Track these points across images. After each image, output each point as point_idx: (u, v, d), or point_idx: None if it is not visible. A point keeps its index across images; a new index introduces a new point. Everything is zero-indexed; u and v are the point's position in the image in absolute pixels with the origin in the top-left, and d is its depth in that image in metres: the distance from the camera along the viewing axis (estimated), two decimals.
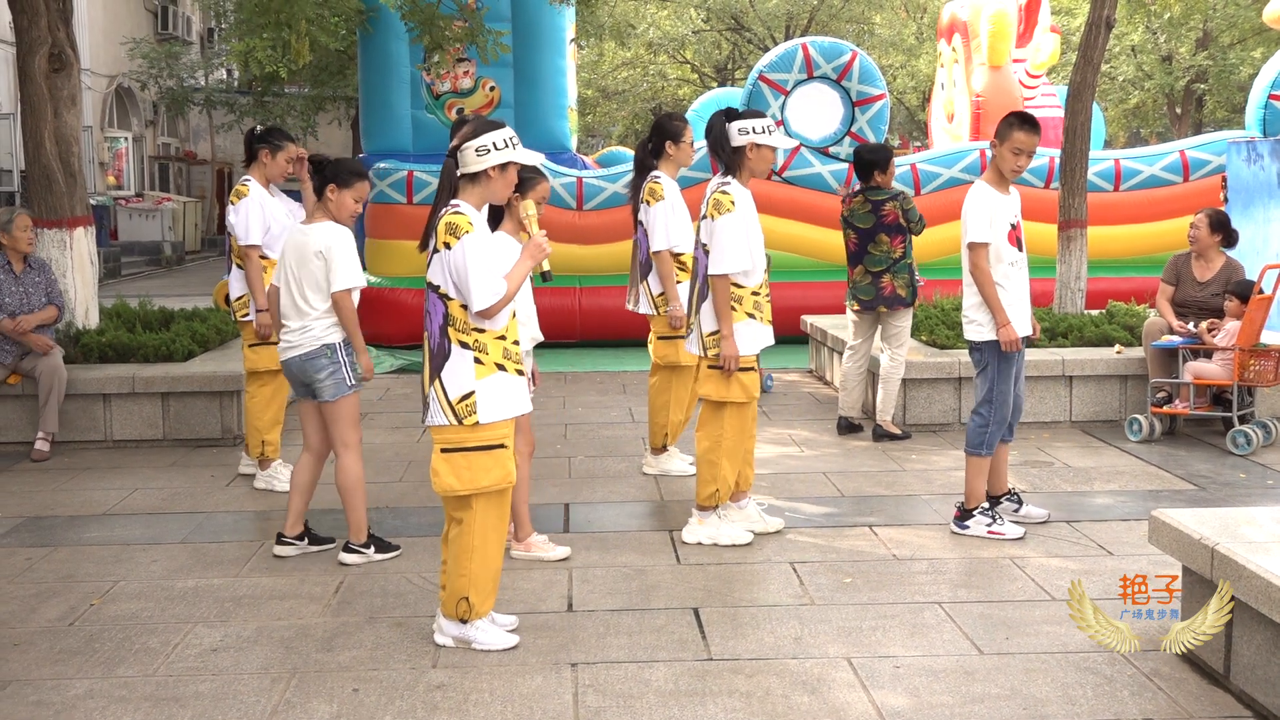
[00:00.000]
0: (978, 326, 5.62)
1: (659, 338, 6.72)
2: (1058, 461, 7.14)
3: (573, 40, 13.75)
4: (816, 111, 11.74)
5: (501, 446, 4.29)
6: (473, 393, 4.23)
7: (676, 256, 6.54)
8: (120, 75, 25.54)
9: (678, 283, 6.53)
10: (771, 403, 8.87)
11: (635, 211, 6.68)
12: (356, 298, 5.45)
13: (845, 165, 11.60)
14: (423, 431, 7.99)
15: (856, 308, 7.81)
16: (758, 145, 5.48)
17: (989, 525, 5.67)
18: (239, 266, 6.68)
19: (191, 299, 12.00)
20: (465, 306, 4.21)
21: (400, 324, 11.32)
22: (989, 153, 11.65)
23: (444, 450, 4.30)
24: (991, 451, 5.68)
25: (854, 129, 11.71)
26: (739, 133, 5.48)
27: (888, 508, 6.24)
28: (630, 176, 7.23)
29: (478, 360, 4.24)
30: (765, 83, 11.72)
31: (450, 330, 4.25)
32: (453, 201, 4.29)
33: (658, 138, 6.63)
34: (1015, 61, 16.80)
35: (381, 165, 11.70)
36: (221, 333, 8.87)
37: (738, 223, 5.42)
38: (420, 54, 12.36)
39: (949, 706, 3.92)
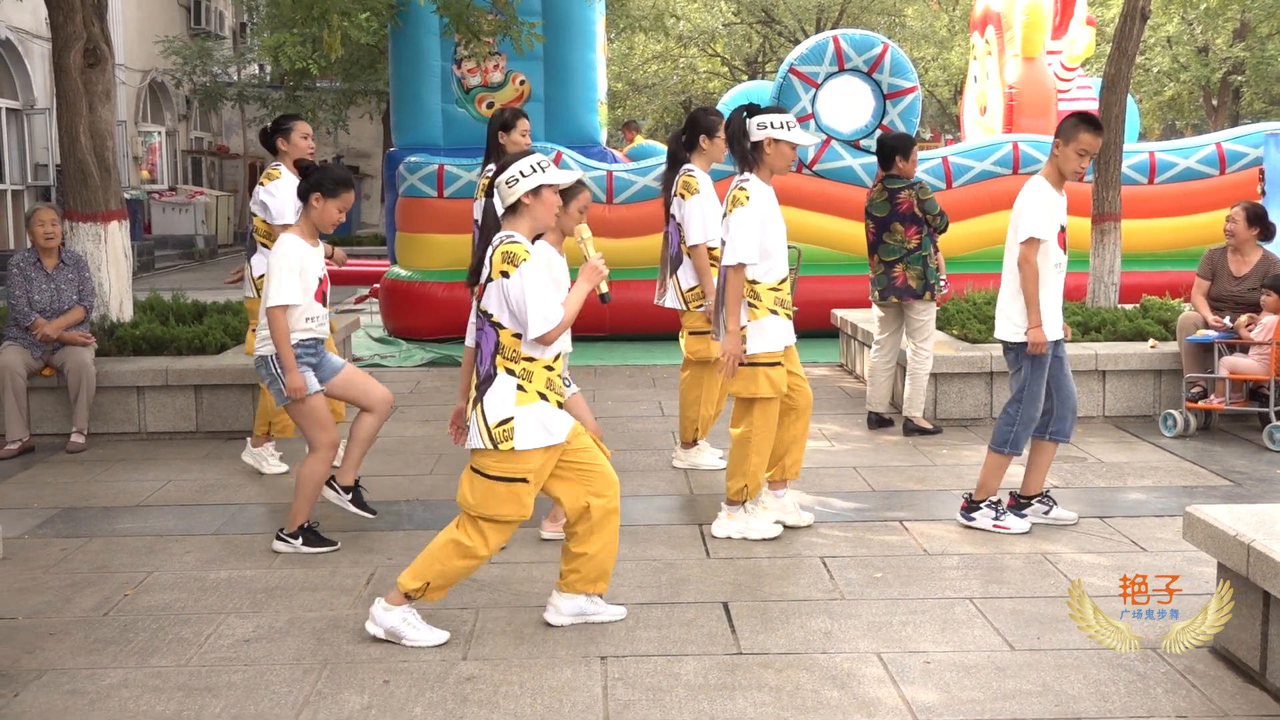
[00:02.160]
0: (1014, 327, 5.55)
1: (690, 333, 6.70)
2: (1091, 457, 7.09)
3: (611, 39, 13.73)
4: (847, 104, 11.68)
5: (524, 481, 4.30)
6: (511, 418, 4.25)
7: (711, 250, 6.52)
8: (153, 70, 25.74)
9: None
10: None
11: (667, 205, 6.67)
12: (299, 315, 5.35)
13: (875, 159, 11.54)
14: None
15: (877, 298, 7.79)
16: (775, 140, 5.45)
17: (995, 519, 5.64)
18: (264, 246, 6.66)
19: (224, 292, 12.07)
20: (518, 335, 4.24)
21: (431, 317, 11.36)
22: (1022, 147, 11.65)
23: (473, 469, 4.35)
24: (1017, 451, 5.61)
25: (885, 122, 11.64)
26: (757, 128, 5.46)
27: (918, 502, 6.21)
28: (662, 169, 7.22)
29: (520, 387, 4.27)
30: (796, 76, 11.67)
31: (499, 358, 4.28)
32: (506, 232, 4.31)
33: (691, 131, 6.61)
34: (1050, 54, 16.66)
35: (412, 159, 11.74)
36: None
37: (751, 216, 5.39)
38: (451, 48, 12.38)
39: (979, 702, 3.89)
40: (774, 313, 5.51)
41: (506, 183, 4.30)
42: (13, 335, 7.54)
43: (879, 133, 11.56)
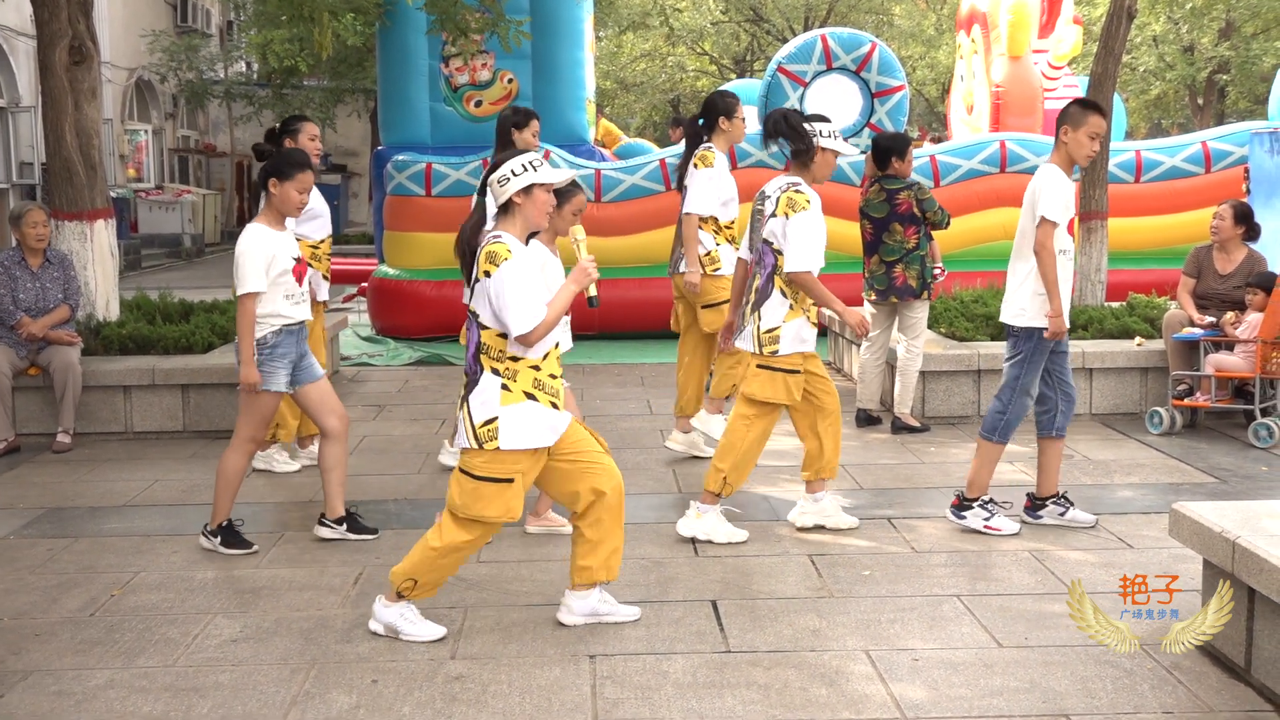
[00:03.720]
0: (1021, 312, 5.51)
1: (703, 306, 6.76)
2: (1077, 454, 7.11)
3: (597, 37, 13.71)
4: (835, 103, 11.68)
5: (510, 481, 4.29)
6: (496, 418, 4.24)
7: (705, 221, 6.70)
8: (140, 68, 25.64)
9: (717, 245, 6.74)
10: None
11: (681, 179, 6.80)
12: (278, 295, 5.35)
13: (863, 157, 11.56)
14: (441, 423, 8.01)
15: (873, 298, 7.80)
16: (823, 149, 5.49)
17: (986, 520, 5.62)
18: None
19: (211, 291, 12.02)
20: (502, 335, 4.23)
21: (419, 316, 11.34)
22: (1009, 145, 11.67)
23: (461, 469, 4.34)
24: (1005, 440, 5.61)
25: (873, 120, 11.65)
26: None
27: (906, 500, 6.22)
28: (649, 168, 7.26)
29: (505, 387, 4.25)
30: (784, 74, 11.68)
31: (483, 357, 4.28)
32: (494, 231, 4.31)
33: (710, 114, 6.74)
34: (1037, 53, 16.69)
35: (400, 158, 11.71)
36: None
37: (815, 221, 5.42)
38: (439, 46, 12.35)
39: (967, 699, 3.91)
40: (805, 315, 5.53)
41: (498, 181, 4.29)
42: None
43: (867, 131, 11.60)
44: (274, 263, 5.32)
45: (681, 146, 7.46)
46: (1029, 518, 5.72)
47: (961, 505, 5.70)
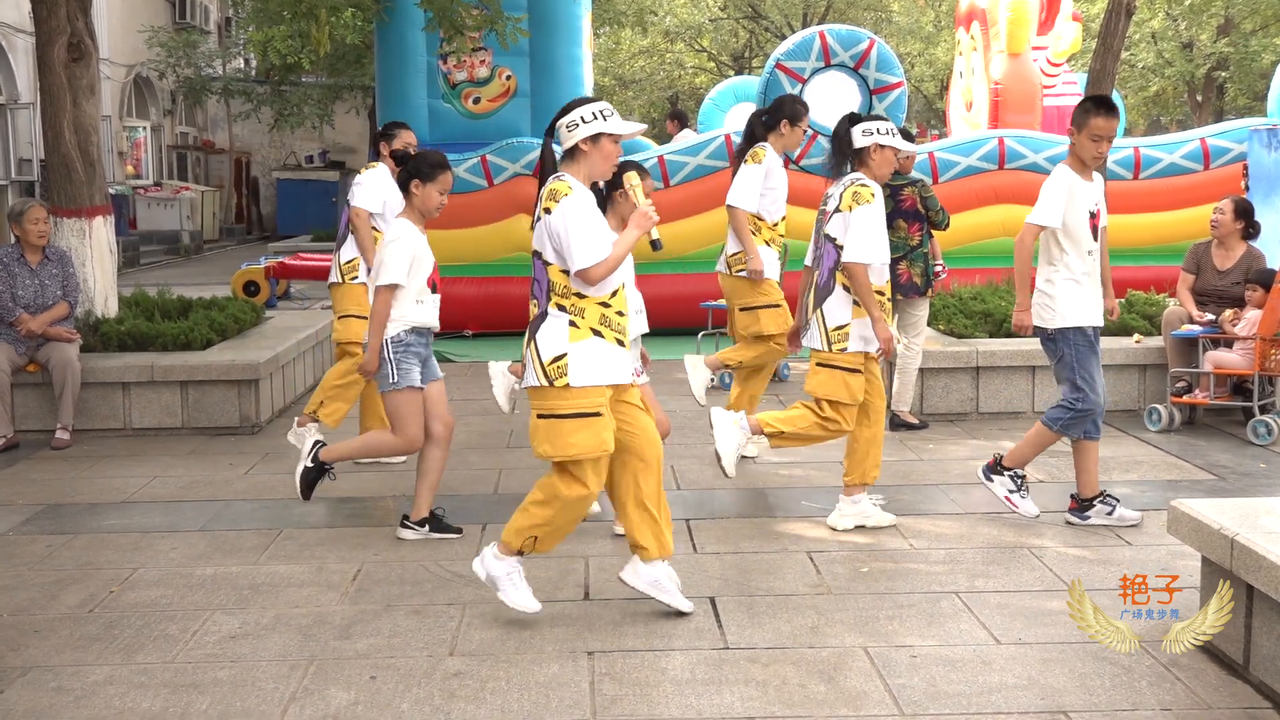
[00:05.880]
0: (1052, 313, 5.52)
1: (741, 309, 6.74)
2: None
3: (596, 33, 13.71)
4: (834, 99, 11.67)
5: (596, 415, 4.27)
6: (565, 355, 4.25)
7: (754, 219, 6.67)
8: (138, 65, 25.60)
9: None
10: (788, 391, 8.85)
11: (735, 174, 6.80)
12: (410, 298, 5.35)
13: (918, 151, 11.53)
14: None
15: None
16: (880, 146, 5.55)
17: (1009, 491, 5.68)
18: (353, 233, 6.79)
19: (210, 288, 12.04)
20: (566, 271, 4.24)
21: None
22: (1007, 142, 11.66)
23: (539, 416, 4.32)
24: (1066, 433, 5.60)
25: None
26: (863, 134, 5.57)
27: (905, 497, 6.22)
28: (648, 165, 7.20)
29: (573, 324, 4.26)
30: (782, 71, 11.68)
31: (552, 295, 4.29)
32: (556, 174, 4.34)
33: (776, 114, 6.75)
34: (1036, 49, 16.70)
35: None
36: (240, 322, 8.90)
37: (878, 215, 5.48)
38: (437, 43, 12.35)
39: (965, 696, 3.91)
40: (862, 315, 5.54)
41: (567, 126, 4.30)
42: None
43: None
44: (416, 263, 5.32)
45: (682, 140, 7.42)
46: (1076, 519, 5.68)
47: (994, 467, 5.73)
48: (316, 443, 5.63)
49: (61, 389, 7.44)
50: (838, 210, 5.55)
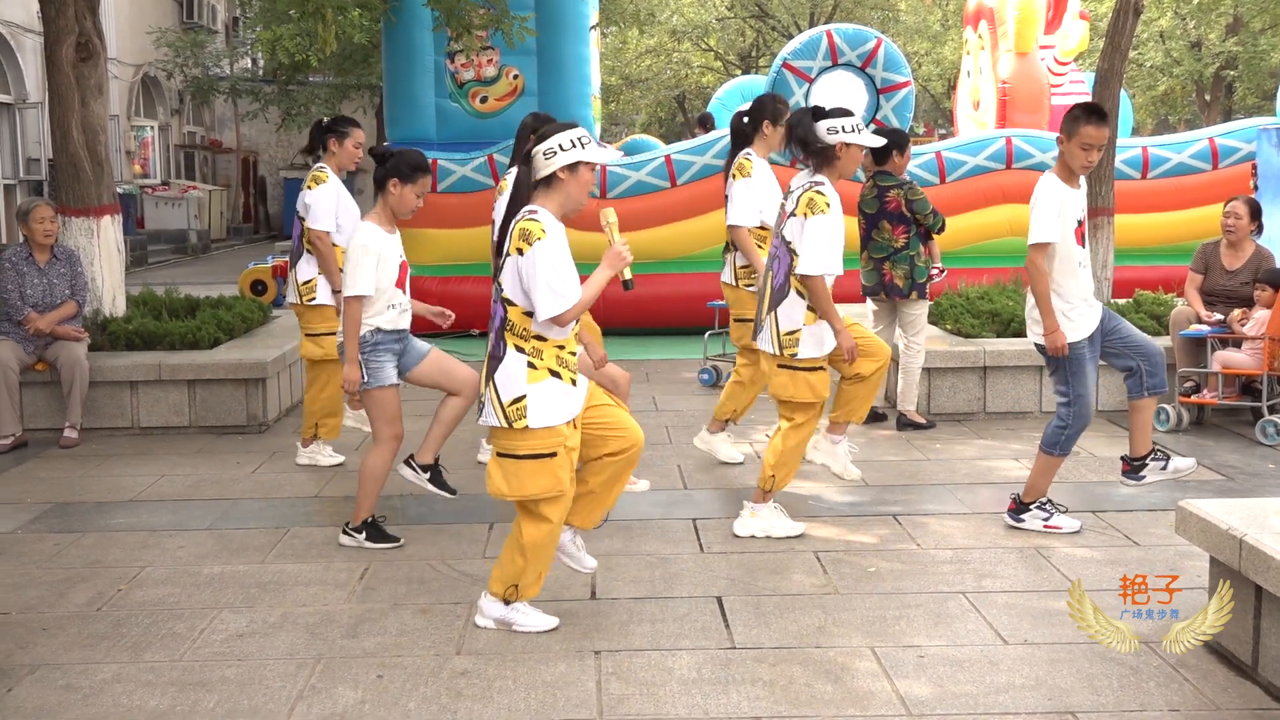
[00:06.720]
0: (1039, 328, 5.45)
1: (737, 319, 6.74)
2: (1083, 451, 7.10)
3: (594, 26, 13.71)
4: (840, 99, 11.66)
5: (552, 455, 4.26)
6: (524, 396, 4.22)
7: (757, 231, 6.60)
8: (146, 64, 25.67)
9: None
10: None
11: (726, 188, 6.77)
12: (382, 302, 5.30)
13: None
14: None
15: (869, 295, 7.81)
16: (847, 145, 5.40)
17: (1045, 520, 5.54)
18: (309, 251, 6.70)
19: (217, 287, 12.06)
20: (529, 314, 4.20)
21: None
22: (1015, 142, 11.65)
23: (498, 454, 4.32)
24: (1065, 453, 5.53)
25: (879, 117, 11.65)
26: (828, 131, 5.38)
27: (912, 497, 6.22)
28: (652, 165, 7.20)
29: (531, 365, 4.23)
30: (789, 70, 11.67)
31: (507, 334, 4.25)
32: (529, 208, 4.26)
33: (757, 114, 6.68)
34: (1044, 48, 16.67)
35: None
36: (247, 320, 8.91)
37: (833, 224, 5.33)
38: (444, 42, 12.36)
39: (973, 696, 3.90)
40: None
41: (544, 154, 4.22)
42: (5, 330, 7.51)
43: (873, 127, 11.58)
44: (382, 266, 5.23)
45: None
46: (1131, 481, 5.63)
47: (1019, 509, 5.63)
48: (423, 466, 5.57)
49: (69, 388, 7.46)
50: (793, 213, 5.41)
